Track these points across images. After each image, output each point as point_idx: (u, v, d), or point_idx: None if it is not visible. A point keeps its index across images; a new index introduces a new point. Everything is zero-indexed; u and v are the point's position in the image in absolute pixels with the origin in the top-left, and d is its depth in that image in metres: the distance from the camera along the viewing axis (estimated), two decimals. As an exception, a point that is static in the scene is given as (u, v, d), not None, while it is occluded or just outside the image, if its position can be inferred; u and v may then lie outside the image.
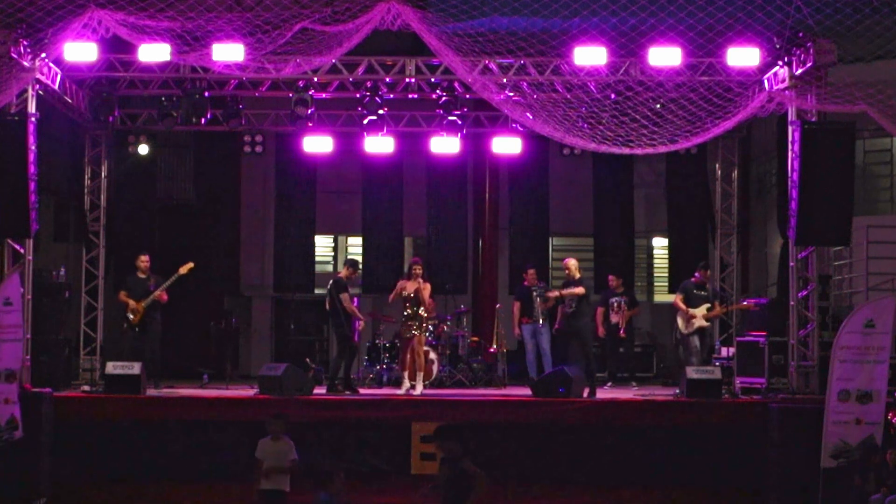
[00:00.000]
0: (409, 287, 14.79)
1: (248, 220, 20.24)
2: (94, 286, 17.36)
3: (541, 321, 16.14)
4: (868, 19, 12.99)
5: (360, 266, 15.38)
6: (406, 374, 14.84)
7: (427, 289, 14.86)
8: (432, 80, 15.70)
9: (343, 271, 15.38)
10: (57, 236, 18.36)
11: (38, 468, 13.02)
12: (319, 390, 14.82)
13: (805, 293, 14.06)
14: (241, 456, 13.34)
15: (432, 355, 15.99)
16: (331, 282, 15.28)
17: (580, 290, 15.37)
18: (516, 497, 13.31)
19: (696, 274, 15.99)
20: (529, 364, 16.38)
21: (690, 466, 13.34)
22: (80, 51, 13.60)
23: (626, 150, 14.29)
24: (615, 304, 17.19)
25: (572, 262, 15.76)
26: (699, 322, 15.58)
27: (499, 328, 17.29)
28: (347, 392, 14.66)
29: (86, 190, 17.59)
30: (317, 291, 19.95)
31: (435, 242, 20.16)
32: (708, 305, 15.71)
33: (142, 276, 15.43)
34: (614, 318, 17.28)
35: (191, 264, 15.43)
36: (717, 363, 15.84)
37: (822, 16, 12.57)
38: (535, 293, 16.28)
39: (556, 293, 15.77)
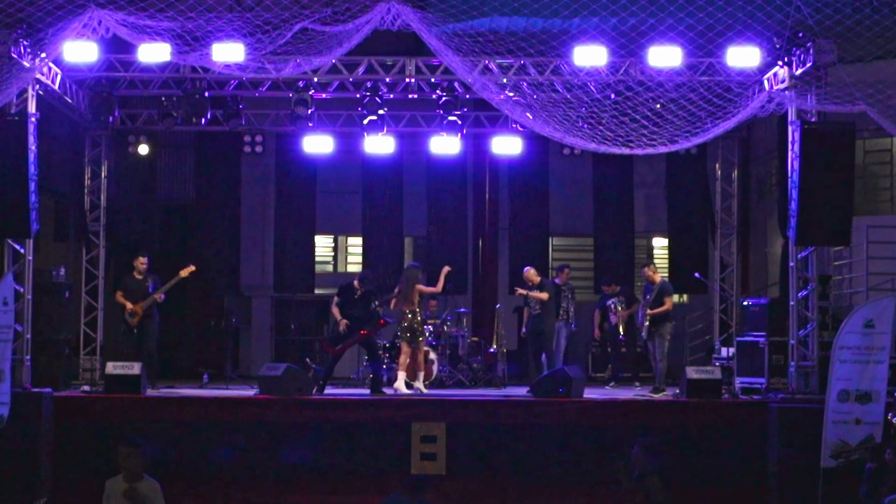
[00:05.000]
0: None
1: (248, 220, 20.23)
2: (94, 286, 17.38)
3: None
4: (868, 19, 12.99)
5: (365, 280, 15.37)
6: (402, 374, 14.98)
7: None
8: (432, 80, 15.70)
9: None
10: (57, 236, 18.35)
11: (38, 468, 13.01)
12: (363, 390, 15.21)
13: (805, 293, 14.06)
14: (242, 456, 13.42)
15: (432, 355, 16.03)
16: None
17: (544, 295, 15.69)
18: (516, 497, 13.34)
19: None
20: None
21: (690, 466, 13.33)
22: (80, 51, 13.60)
23: (626, 150, 14.29)
24: (612, 306, 17.21)
25: (531, 272, 15.98)
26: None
27: (499, 328, 17.31)
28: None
29: (86, 190, 17.61)
30: (317, 291, 19.96)
31: (435, 242, 20.16)
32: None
33: (139, 276, 15.43)
34: (614, 320, 17.32)
35: (192, 267, 15.44)
36: (717, 363, 15.85)
37: (822, 16, 12.57)
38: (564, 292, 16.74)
39: (524, 292, 15.96)
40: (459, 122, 16.37)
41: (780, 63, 13.94)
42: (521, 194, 20.19)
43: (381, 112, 16.17)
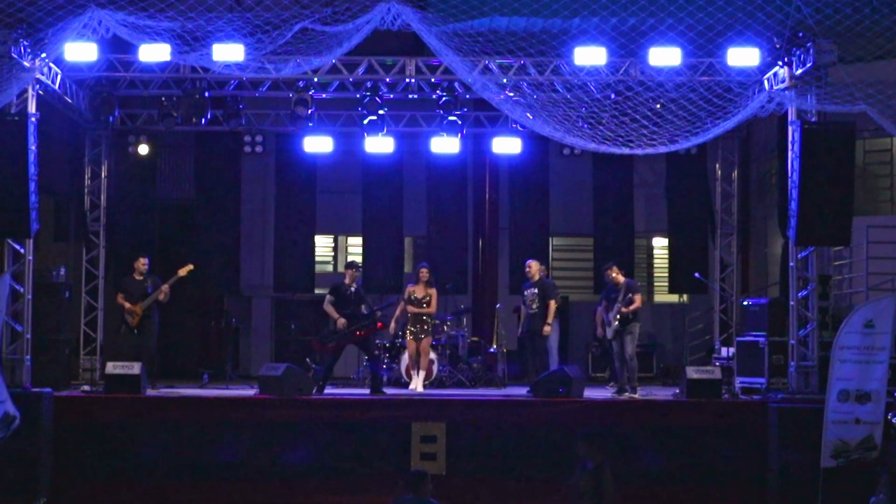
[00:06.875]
0: (419, 291, 15.24)
1: (248, 220, 20.23)
2: (94, 286, 17.38)
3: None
4: (868, 19, 13.00)
5: (358, 266, 15.50)
6: (409, 372, 15.14)
7: (434, 295, 15.37)
8: (432, 80, 15.72)
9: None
10: (57, 236, 18.35)
11: (38, 468, 13.01)
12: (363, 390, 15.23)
13: (805, 293, 14.06)
14: (242, 456, 13.42)
15: (432, 355, 16.03)
16: None
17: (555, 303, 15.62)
18: (516, 497, 13.33)
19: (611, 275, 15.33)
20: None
21: (690, 466, 13.35)
22: (80, 51, 13.61)
23: (626, 150, 14.30)
24: None
25: (535, 265, 15.85)
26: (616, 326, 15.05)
27: (499, 328, 17.30)
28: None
29: (86, 190, 17.62)
30: (317, 291, 19.96)
31: (435, 242, 20.16)
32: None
33: (138, 277, 15.43)
34: None
35: (190, 266, 15.45)
36: (717, 363, 15.84)
37: (822, 16, 12.58)
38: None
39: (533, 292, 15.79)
40: (459, 122, 16.39)
41: (780, 63, 13.95)
42: (521, 194, 20.18)
43: (381, 112, 16.20)
